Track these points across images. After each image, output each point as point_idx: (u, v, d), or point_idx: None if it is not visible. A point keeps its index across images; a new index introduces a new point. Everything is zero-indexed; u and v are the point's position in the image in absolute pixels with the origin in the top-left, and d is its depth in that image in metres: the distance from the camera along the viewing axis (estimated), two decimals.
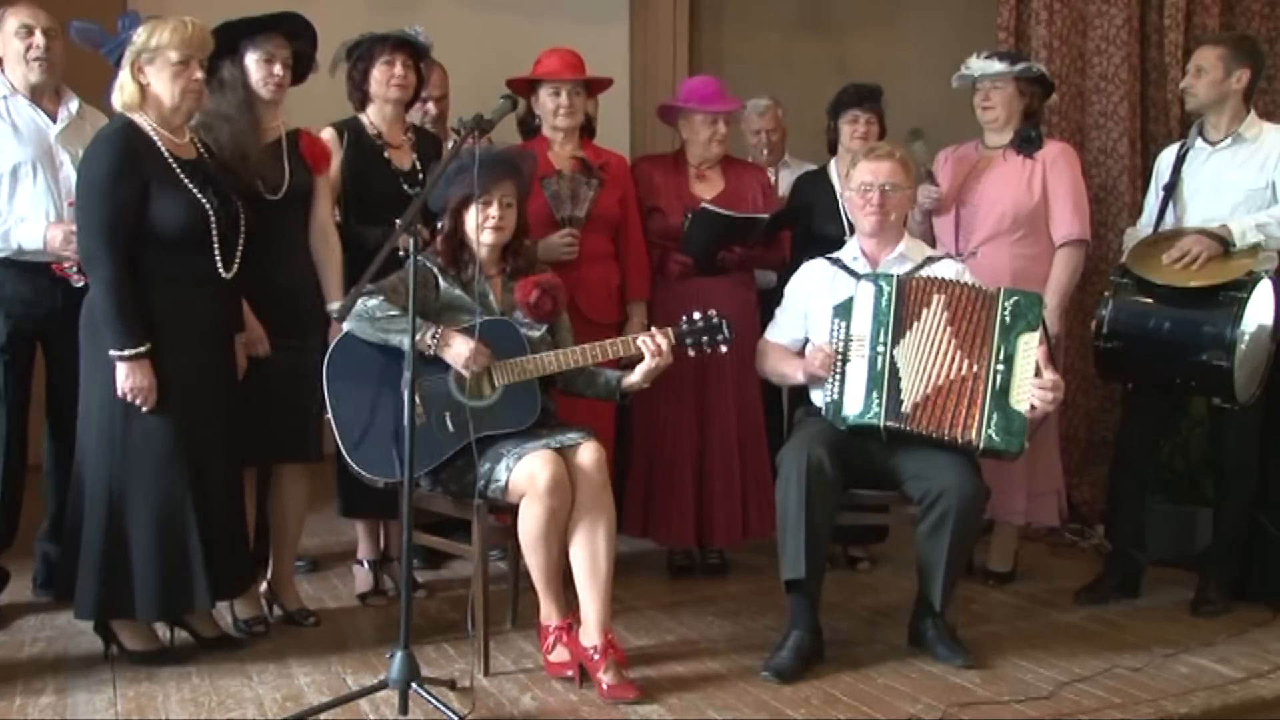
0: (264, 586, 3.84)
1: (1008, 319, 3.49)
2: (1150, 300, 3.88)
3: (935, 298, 3.55)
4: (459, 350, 3.34)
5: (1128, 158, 5.17)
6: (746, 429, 4.35)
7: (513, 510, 3.34)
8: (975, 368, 3.48)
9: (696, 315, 3.54)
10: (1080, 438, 5.19)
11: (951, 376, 3.49)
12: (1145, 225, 4.22)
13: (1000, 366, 3.47)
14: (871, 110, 4.44)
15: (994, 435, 3.42)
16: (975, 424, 3.44)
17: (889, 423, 3.48)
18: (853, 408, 3.52)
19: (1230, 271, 3.81)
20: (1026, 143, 4.26)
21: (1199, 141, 4.11)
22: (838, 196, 4.42)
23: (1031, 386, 3.44)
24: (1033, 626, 3.89)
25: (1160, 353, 3.86)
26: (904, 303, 3.55)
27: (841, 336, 3.58)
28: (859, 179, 3.74)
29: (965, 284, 3.59)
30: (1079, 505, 5.08)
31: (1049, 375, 3.47)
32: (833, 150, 4.59)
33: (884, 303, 3.55)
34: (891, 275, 3.61)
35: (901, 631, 3.65)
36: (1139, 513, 4.19)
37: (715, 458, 4.31)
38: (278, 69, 3.67)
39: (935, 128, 4.64)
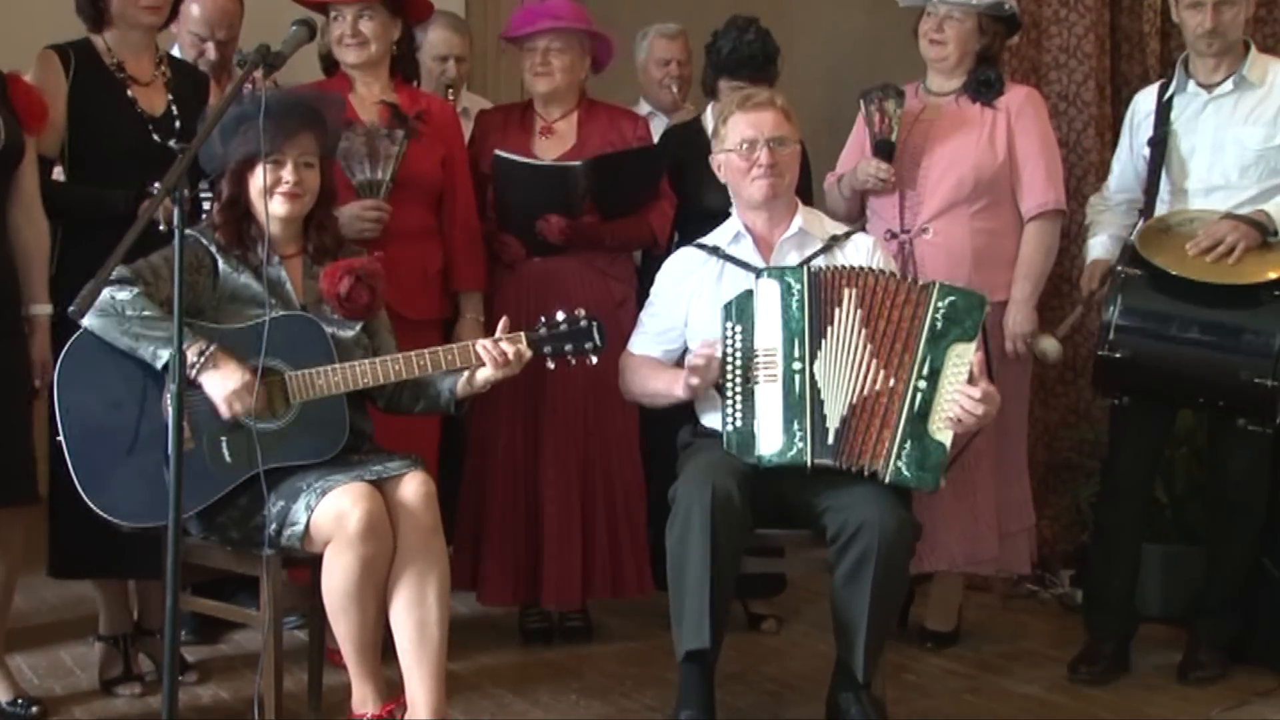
0: None
1: (939, 324, 3.57)
2: (1171, 299, 3.90)
3: (846, 293, 3.62)
4: (223, 383, 3.31)
5: (1095, 105, 5.28)
6: (621, 451, 4.43)
7: (315, 562, 3.35)
8: (892, 381, 3.56)
9: (560, 316, 3.56)
10: (1037, 460, 5.26)
11: (865, 393, 3.57)
12: (1118, 191, 4.36)
13: (922, 383, 3.54)
14: (761, 83, 4.39)
15: (903, 468, 3.51)
16: (884, 451, 3.52)
17: (819, 460, 3.54)
18: (770, 444, 3.56)
19: (1272, 266, 3.88)
20: (985, 87, 4.32)
21: (1190, 84, 4.18)
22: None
23: (959, 397, 3.52)
24: (982, 701, 4.00)
25: (1182, 365, 3.90)
26: (820, 303, 3.61)
27: (739, 347, 3.62)
28: (736, 135, 3.80)
29: (880, 273, 3.67)
30: (1037, 545, 5.14)
31: (983, 385, 3.55)
32: (711, 93, 4.64)
33: (795, 305, 3.61)
34: (800, 269, 3.67)
35: (817, 708, 3.71)
36: (1135, 558, 4.25)
37: (579, 489, 4.37)
38: None
39: (853, 65, 4.70)
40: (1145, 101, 4.32)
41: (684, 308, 3.85)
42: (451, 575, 3.45)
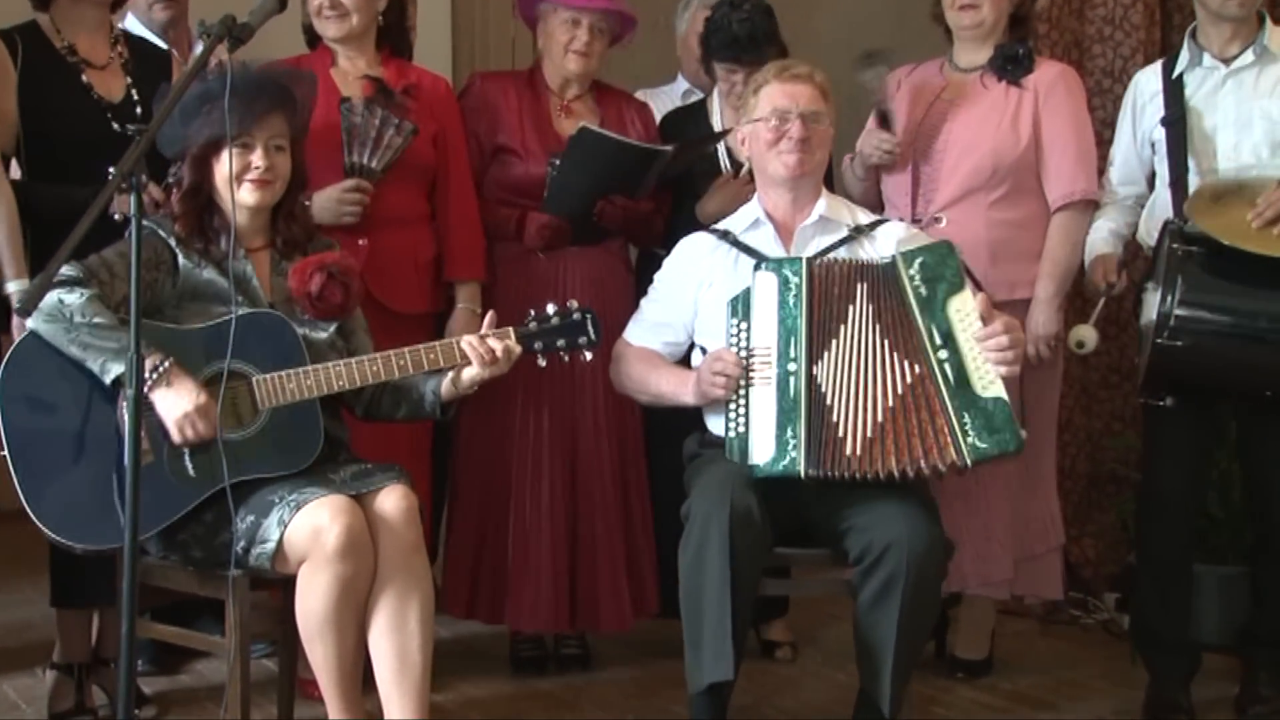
0: None
1: (922, 289, 3.60)
2: (1239, 279, 3.82)
3: (859, 288, 3.64)
4: (176, 403, 3.29)
5: None
6: (627, 462, 4.44)
7: (287, 584, 3.35)
8: (917, 368, 3.58)
9: (550, 308, 3.58)
10: (1079, 472, 5.31)
11: (900, 391, 3.58)
12: (1121, 184, 4.29)
13: (943, 353, 3.57)
14: (759, 62, 4.30)
15: (978, 442, 3.51)
16: (948, 439, 3.52)
17: (812, 471, 3.54)
18: (762, 452, 3.57)
19: None
20: (1011, 63, 4.30)
21: (1205, 58, 4.14)
22: (719, 146, 4.49)
23: (986, 347, 3.53)
24: None
25: (1252, 354, 3.84)
26: (821, 298, 3.62)
27: (743, 344, 3.65)
28: (768, 105, 3.82)
29: (873, 264, 3.70)
30: (1079, 566, 5.19)
31: (997, 323, 3.55)
32: (710, 74, 4.63)
33: (791, 300, 3.62)
34: (799, 261, 3.68)
35: None
36: (1188, 582, 4.21)
37: (585, 503, 4.37)
38: None
39: (875, 41, 4.67)
40: (1150, 81, 4.27)
41: (690, 298, 3.87)
42: (439, 598, 3.45)
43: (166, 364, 3.31)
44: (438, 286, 4.31)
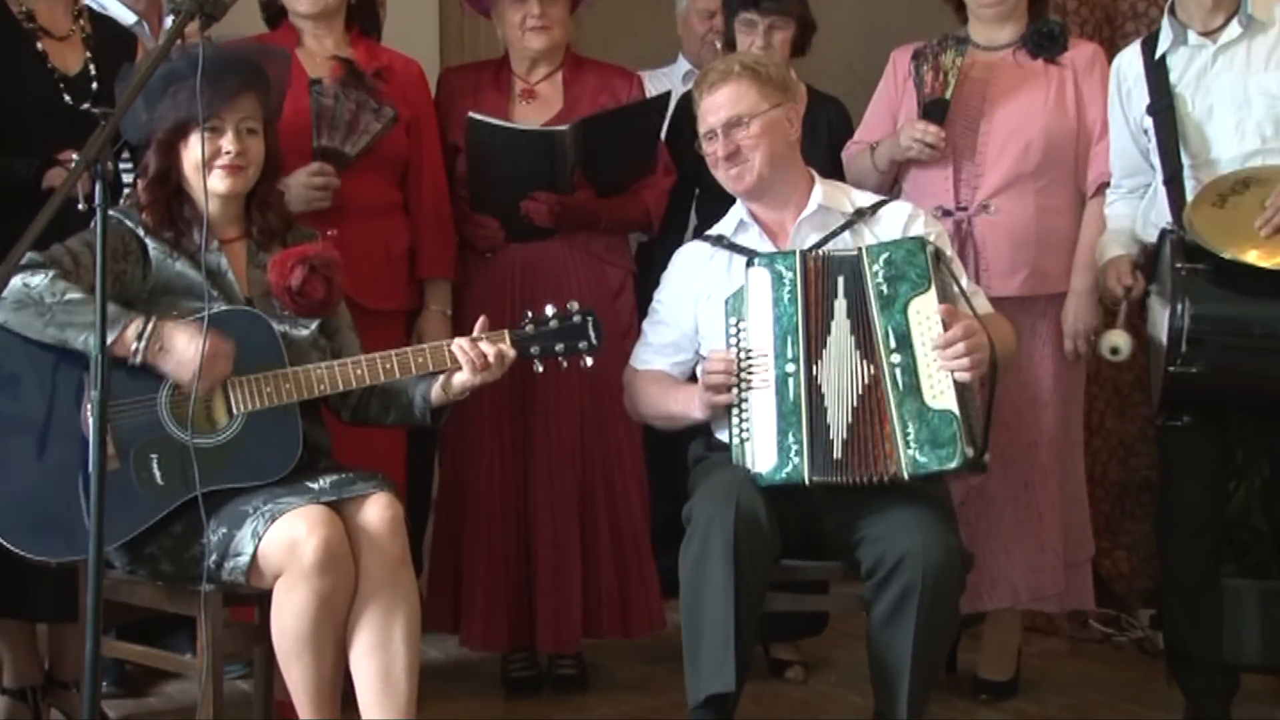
0: None
1: (884, 287, 3.59)
2: (1251, 295, 3.79)
3: (839, 282, 3.64)
4: (183, 354, 3.31)
5: None
6: (623, 468, 4.44)
7: (263, 600, 3.35)
8: (872, 369, 3.58)
9: (550, 311, 3.57)
10: (1110, 480, 5.30)
11: (860, 391, 3.58)
12: (1124, 176, 4.23)
13: (895, 357, 3.56)
14: (779, 12, 4.43)
15: (917, 455, 3.51)
16: (892, 448, 3.53)
17: (817, 477, 3.54)
18: (764, 460, 3.58)
19: None
20: (1047, 40, 4.29)
21: (1191, 36, 4.07)
22: None
23: (938, 355, 3.52)
24: None
25: (1275, 367, 3.82)
26: (817, 293, 3.62)
27: (743, 343, 3.65)
28: (701, 127, 3.82)
29: (849, 256, 3.68)
30: (1111, 581, 5.17)
31: (957, 328, 3.52)
32: (731, 46, 4.59)
33: (787, 297, 3.63)
34: (792, 255, 3.68)
35: None
36: (1217, 598, 4.18)
37: (577, 510, 4.37)
38: None
39: (892, 17, 4.66)
40: (1131, 63, 4.20)
41: (691, 313, 3.87)
42: (426, 614, 3.44)
43: (150, 325, 3.31)
44: (412, 282, 4.31)
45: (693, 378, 3.86)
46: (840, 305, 3.61)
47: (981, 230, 4.26)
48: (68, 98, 3.91)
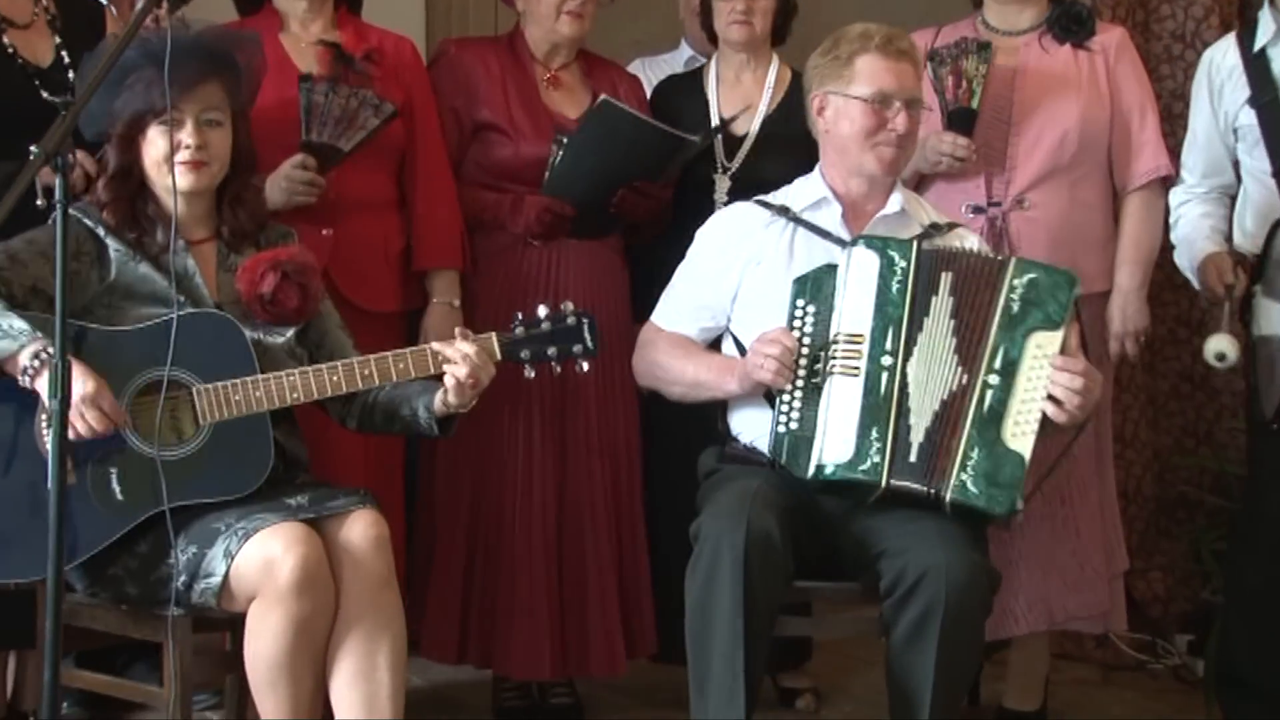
0: None
1: (1015, 306, 3.59)
2: None
3: (942, 278, 3.65)
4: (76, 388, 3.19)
5: None
6: (621, 485, 4.43)
7: (236, 624, 3.33)
8: (965, 378, 3.59)
9: (541, 311, 3.56)
10: (1145, 495, 5.29)
11: (946, 398, 3.59)
12: (1206, 176, 4.22)
13: (993, 378, 3.56)
14: None
15: (968, 483, 3.51)
16: (949, 465, 3.53)
17: (896, 481, 3.54)
18: (836, 452, 3.56)
19: None
20: (1075, 24, 4.28)
21: None
22: (711, 116, 4.49)
23: (1056, 378, 3.52)
24: None
25: None
26: (920, 287, 3.62)
27: (809, 330, 3.64)
28: (870, 83, 3.76)
29: (976, 254, 3.71)
30: (1146, 604, 5.18)
31: (1080, 360, 3.56)
32: (711, 38, 4.59)
33: (896, 287, 3.62)
34: (907, 242, 3.68)
35: None
36: None
37: (574, 531, 4.36)
38: None
39: (905, 5, 4.63)
40: (1226, 55, 4.22)
41: (736, 276, 3.85)
42: (416, 640, 3.43)
43: (48, 350, 3.25)
44: (411, 281, 4.28)
45: (713, 347, 3.86)
46: (944, 304, 3.61)
47: (1017, 227, 4.23)
48: (44, 93, 3.86)
